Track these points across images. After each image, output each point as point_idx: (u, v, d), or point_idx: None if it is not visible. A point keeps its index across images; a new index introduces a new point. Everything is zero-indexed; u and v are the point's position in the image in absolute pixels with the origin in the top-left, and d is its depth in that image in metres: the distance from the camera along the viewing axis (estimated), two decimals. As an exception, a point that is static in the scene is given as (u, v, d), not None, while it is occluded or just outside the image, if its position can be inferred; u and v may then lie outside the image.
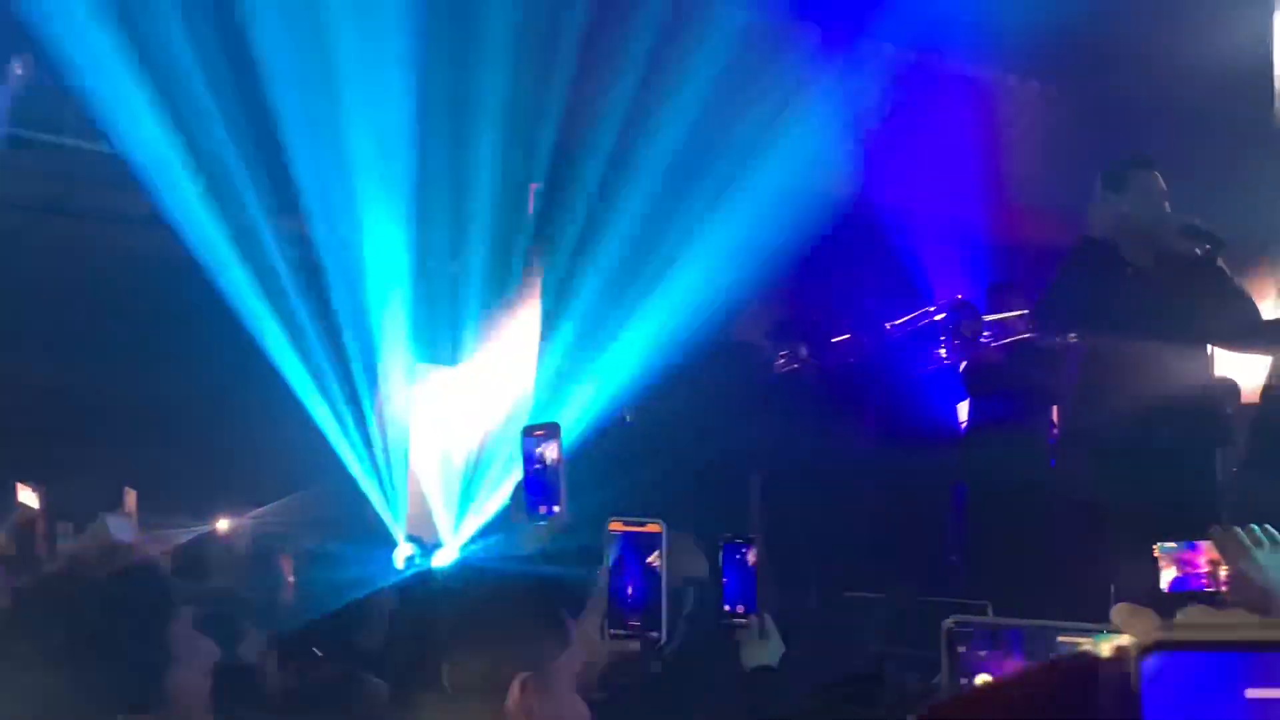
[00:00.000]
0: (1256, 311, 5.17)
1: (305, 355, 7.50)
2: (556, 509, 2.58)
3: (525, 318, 8.87)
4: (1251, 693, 0.64)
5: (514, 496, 3.58)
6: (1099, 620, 1.43)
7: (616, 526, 2.47)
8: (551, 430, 2.91)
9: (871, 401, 7.95)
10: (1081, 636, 1.50)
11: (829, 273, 9.15)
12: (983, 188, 8.92)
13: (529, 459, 2.75)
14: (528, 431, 2.88)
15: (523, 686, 1.75)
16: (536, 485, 2.64)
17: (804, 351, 7.93)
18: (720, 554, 2.98)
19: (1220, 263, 4.94)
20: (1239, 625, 0.69)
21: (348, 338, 7.74)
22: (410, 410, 8.62)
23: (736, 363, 8.13)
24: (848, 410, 7.82)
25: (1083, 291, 5.04)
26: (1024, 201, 9.25)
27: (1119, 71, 9.12)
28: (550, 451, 2.68)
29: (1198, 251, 4.89)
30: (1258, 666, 0.64)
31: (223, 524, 6.44)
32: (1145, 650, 0.65)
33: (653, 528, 2.46)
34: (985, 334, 7.39)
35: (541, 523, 2.91)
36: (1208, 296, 4.89)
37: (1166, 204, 5.00)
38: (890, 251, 8.75)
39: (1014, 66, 9.71)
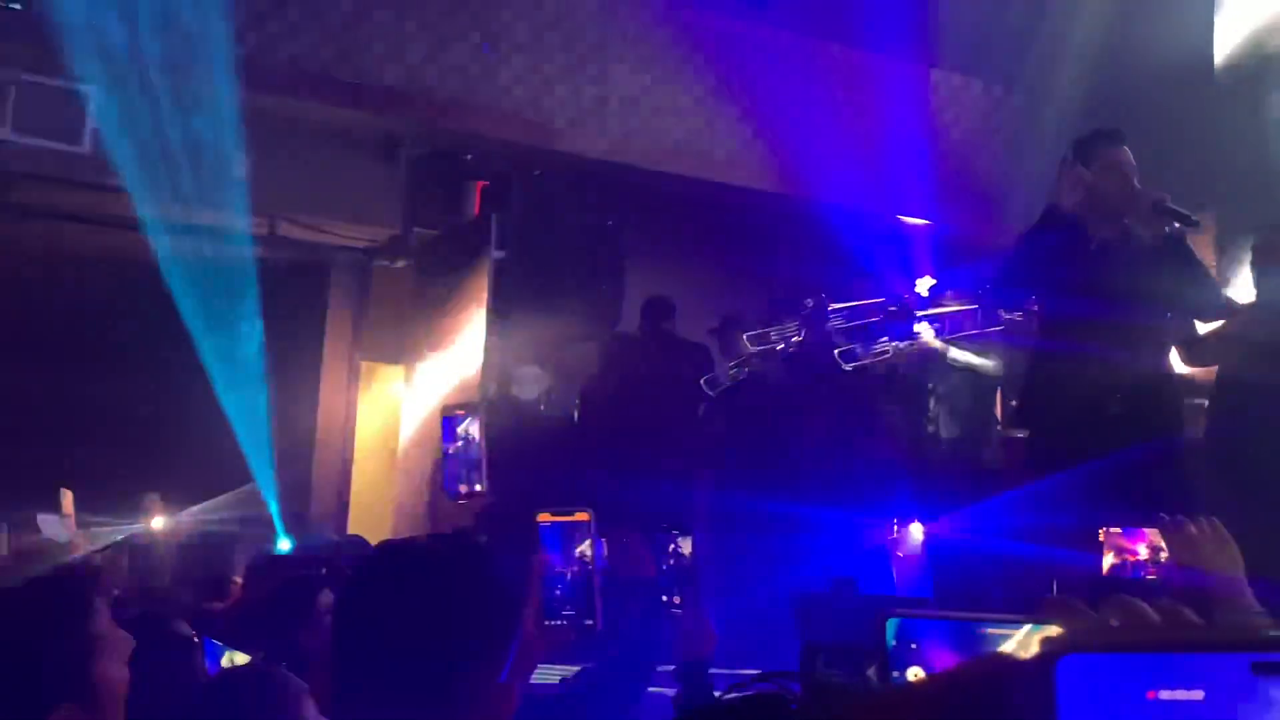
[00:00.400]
0: (1220, 295, 5.09)
1: (241, 351, 7.41)
2: (479, 488, 2.53)
3: (475, 313, 8.82)
4: (1161, 694, 0.64)
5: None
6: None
7: (545, 517, 2.46)
8: (471, 409, 2.85)
9: (818, 397, 7.96)
10: (1011, 629, 1.49)
11: (773, 269, 9.19)
12: (925, 184, 8.96)
13: (449, 438, 2.70)
14: (447, 410, 2.81)
15: (467, 688, 1.70)
16: (457, 464, 2.58)
17: (748, 347, 7.95)
18: (657, 546, 2.98)
19: (1188, 242, 4.85)
20: (1150, 626, 0.69)
21: (287, 335, 7.65)
22: (354, 407, 8.56)
23: (684, 360, 8.13)
24: (793, 407, 7.85)
25: (1045, 262, 4.92)
26: (966, 197, 9.32)
27: (1063, 68, 9.20)
28: (471, 430, 2.62)
29: (1166, 230, 4.78)
30: (1167, 668, 0.64)
31: (161, 521, 6.36)
32: (1061, 650, 0.65)
33: (581, 516, 2.45)
34: (933, 326, 7.43)
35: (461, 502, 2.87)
36: (1172, 276, 4.78)
37: (1136, 180, 4.88)
38: (832, 249, 8.77)
39: (956, 64, 9.79)
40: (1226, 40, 8.62)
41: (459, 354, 8.30)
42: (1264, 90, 8.32)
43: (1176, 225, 4.76)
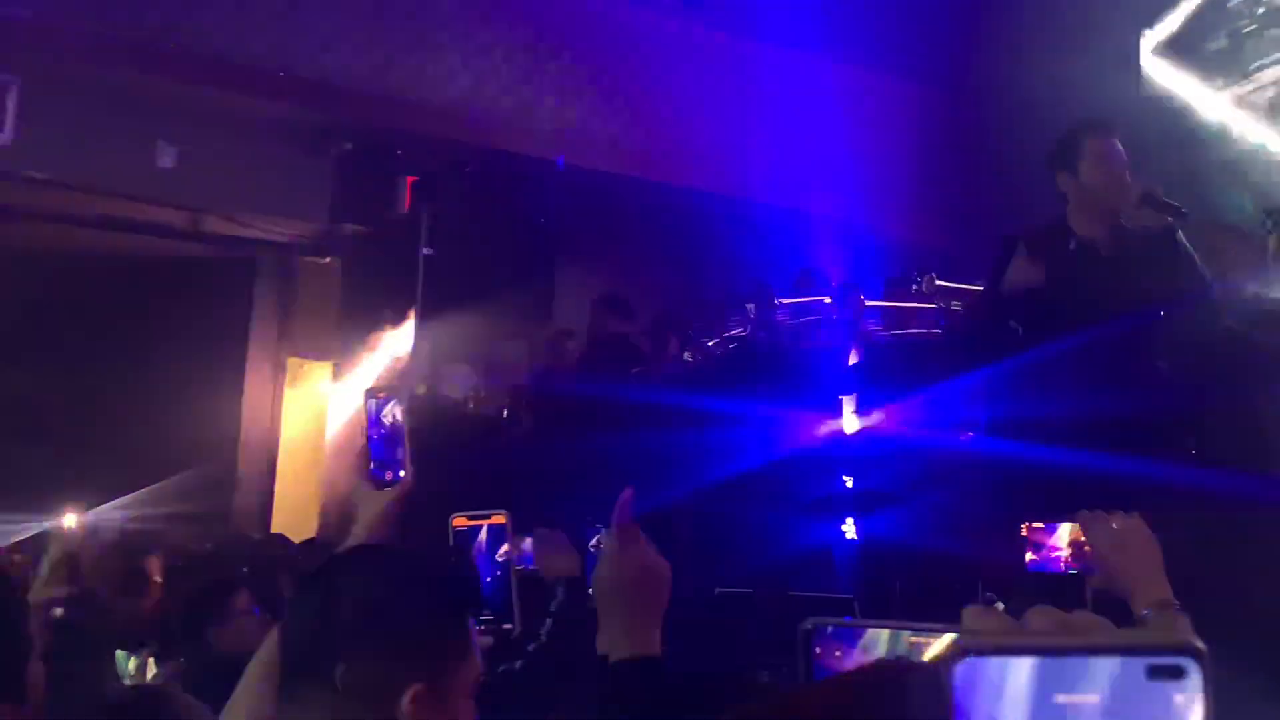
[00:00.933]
0: (1214, 290, 4.60)
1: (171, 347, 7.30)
2: (401, 474, 2.50)
3: (404, 310, 8.75)
4: (1059, 698, 0.64)
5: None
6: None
7: (460, 521, 2.44)
8: (394, 391, 2.81)
9: (755, 392, 7.97)
10: (931, 637, 1.49)
11: (706, 269, 9.21)
12: (861, 184, 9.02)
13: (371, 422, 2.66)
14: (370, 393, 2.77)
15: (414, 698, 1.66)
16: (379, 449, 2.55)
17: (679, 346, 7.95)
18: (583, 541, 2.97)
19: (1180, 237, 4.38)
20: (1047, 631, 0.70)
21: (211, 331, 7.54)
22: (280, 404, 8.46)
23: (615, 358, 8.12)
24: (728, 401, 7.85)
25: (1025, 274, 4.50)
26: (904, 198, 9.40)
27: (991, 72, 9.32)
28: (394, 413, 2.58)
29: (1157, 225, 4.34)
30: (1064, 672, 0.64)
31: (79, 519, 6.23)
32: (959, 654, 0.65)
33: (497, 519, 2.43)
34: (876, 324, 7.47)
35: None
36: (1165, 277, 4.34)
37: (1128, 173, 4.41)
38: (768, 248, 8.81)
39: (892, 66, 9.87)
40: (1152, 49, 8.75)
41: (387, 351, 8.23)
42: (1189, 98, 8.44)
43: (1169, 219, 4.35)
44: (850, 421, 7.12)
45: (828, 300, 7.85)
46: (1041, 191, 4.84)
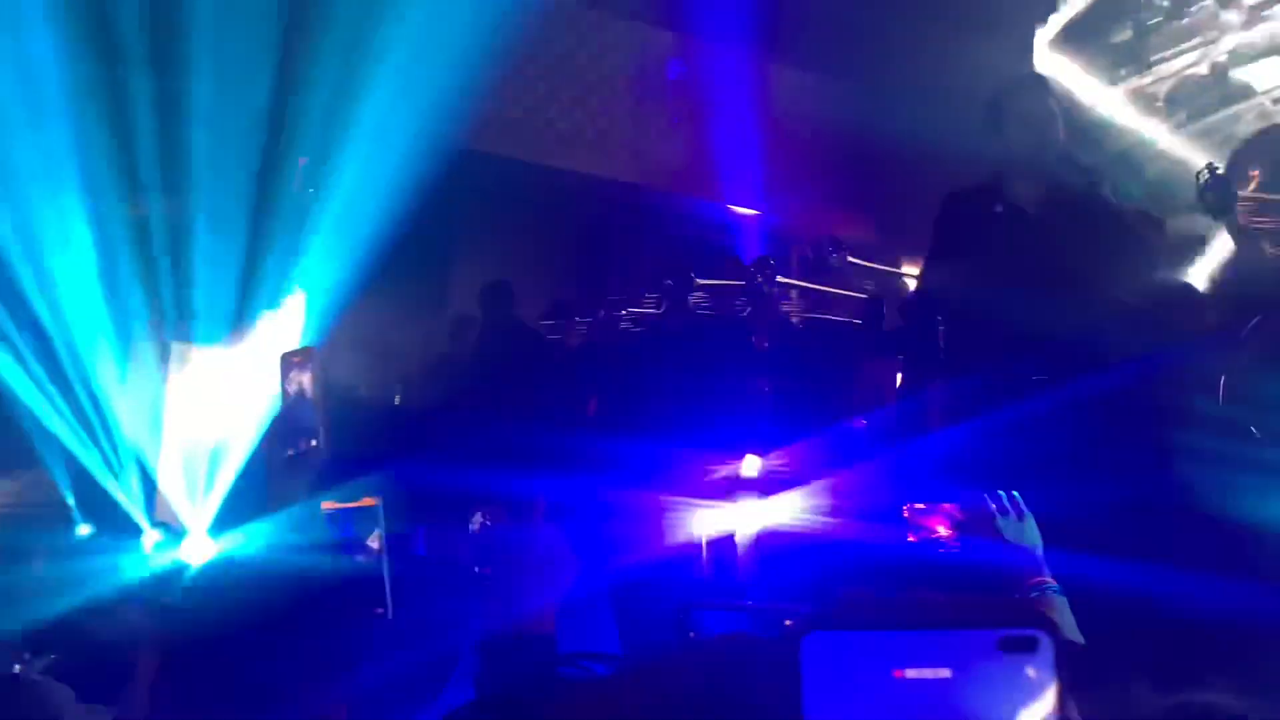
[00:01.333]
0: (1155, 256, 4.47)
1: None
2: (314, 443, 2.44)
3: (294, 296, 8.60)
4: (909, 673, 0.64)
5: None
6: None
7: (330, 505, 2.41)
8: (308, 355, 2.73)
9: (660, 375, 7.96)
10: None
11: (607, 254, 9.20)
12: (765, 174, 9.07)
13: (285, 389, 2.59)
14: (285, 358, 2.70)
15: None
16: (292, 416, 2.49)
17: (578, 327, 7.93)
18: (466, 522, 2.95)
19: (1105, 193, 4.28)
20: (893, 606, 0.69)
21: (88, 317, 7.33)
22: (164, 391, 8.26)
23: (512, 342, 8.07)
24: (627, 385, 7.84)
25: (952, 244, 4.44)
26: (809, 187, 9.45)
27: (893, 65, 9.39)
28: (304, 379, 2.52)
29: (1080, 184, 4.24)
30: (914, 646, 0.64)
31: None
32: (806, 627, 0.64)
33: (367, 502, 2.40)
34: (791, 303, 7.49)
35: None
36: (1095, 240, 4.21)
37: (1059, 128, 4.29)
38: (667, 235, 8.83)
39: (792, 58, 9.92)
40: (1051, 40, 8.85)
41: (279, 335, 8.08)
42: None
43: (1090, 178, 4.28)
44: (750, 465, 7.06)
45: (741, 284, 7.85)
46: (940, 182, 4.87)
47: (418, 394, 7.82)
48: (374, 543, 2.35)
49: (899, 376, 5.17)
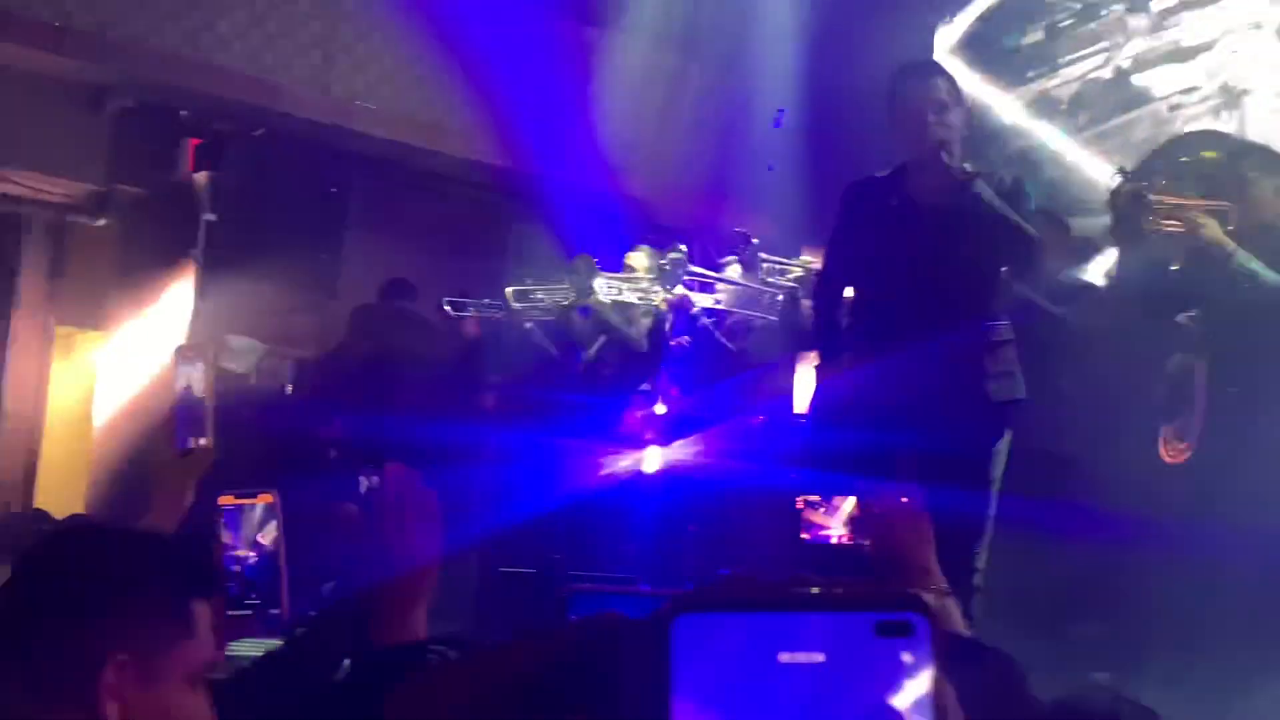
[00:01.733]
0: (1035, 245, 4.36)
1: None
2: (204, 441, 2.36)
3: (183, 279, 8.39)
4: (783, 657, 0.62)
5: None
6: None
7: (227, 500, 2.34)
8: (200, 351, 2.64)
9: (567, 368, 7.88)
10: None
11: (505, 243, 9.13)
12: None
13: (180, 385, 2.51)
14: (180, 352, 2.60)
15: (117, 668, 1.55)
16: (184, 413, 2.40)
17: (450, 309, 7.83)
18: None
19: (979, 187, 4.18)
20: (766, 588, 0.67)
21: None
22: (47, 373, 8.04)
23: (418, 336, 7.94)
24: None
25: (851, 229, 4.45)
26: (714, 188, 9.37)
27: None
28: (196, 375, 2.44)
29: (965, 178, 4.16)
30: (787, 630, 0.62)
31: None
32: (676, 610, 0.62)
33: (265, 498, 2.34)
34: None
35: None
36: (976, 233, 4.18)
37: (949, 116, 4.22)
38: (572, 224, 8.71)
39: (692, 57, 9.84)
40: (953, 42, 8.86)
41: (164, 322, 7.89)
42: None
43: (965, 170, 4.19)
44: (651, 459, 6.99)
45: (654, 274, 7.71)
46: (840, 178, 4.87)
47: (309, 384, 7.69)
48: (269, 539, 2.28)
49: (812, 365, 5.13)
